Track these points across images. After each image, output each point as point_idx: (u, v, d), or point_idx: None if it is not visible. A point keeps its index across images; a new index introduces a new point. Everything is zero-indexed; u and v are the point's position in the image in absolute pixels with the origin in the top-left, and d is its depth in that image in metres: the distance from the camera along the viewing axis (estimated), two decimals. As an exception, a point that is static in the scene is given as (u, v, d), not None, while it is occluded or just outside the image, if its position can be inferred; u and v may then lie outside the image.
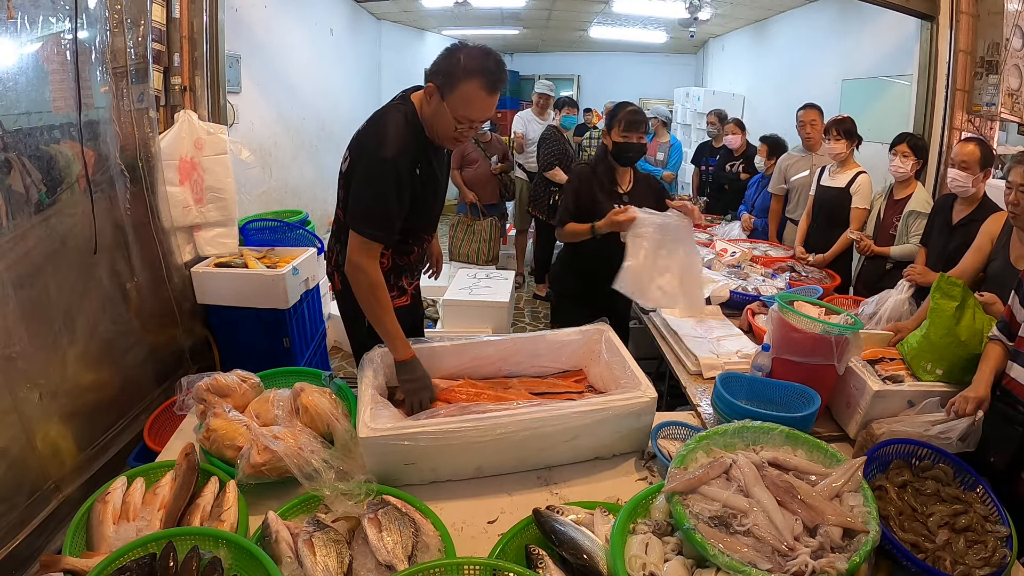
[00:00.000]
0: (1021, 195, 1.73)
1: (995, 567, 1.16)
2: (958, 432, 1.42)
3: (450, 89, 1.48)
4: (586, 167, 2.47)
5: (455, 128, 1.54)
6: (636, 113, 2.27)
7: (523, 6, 6.33)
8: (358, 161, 1.60)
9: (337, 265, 1.81)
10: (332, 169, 1.81)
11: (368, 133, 1.60)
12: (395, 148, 1.51)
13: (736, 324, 2.35)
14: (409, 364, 1.60)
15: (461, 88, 1.47)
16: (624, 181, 2.37)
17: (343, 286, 1.77)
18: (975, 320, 1.63)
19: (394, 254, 1.79)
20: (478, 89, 1.48)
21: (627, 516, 1.13)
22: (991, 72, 3.17)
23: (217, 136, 2.62)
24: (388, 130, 1.54)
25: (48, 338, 1.84)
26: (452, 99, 1.49)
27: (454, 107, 1.50)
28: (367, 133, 1.60)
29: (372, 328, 1.68)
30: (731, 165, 4.48)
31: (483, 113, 1.53)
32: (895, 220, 2.84)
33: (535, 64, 9.46)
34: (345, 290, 1.76)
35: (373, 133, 1.57)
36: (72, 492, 1.84)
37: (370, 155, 1.54)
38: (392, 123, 1.55)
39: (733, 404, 1.54)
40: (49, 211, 1.85)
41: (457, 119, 1.51)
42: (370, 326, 1.68)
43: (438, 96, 1.51)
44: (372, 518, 1.16)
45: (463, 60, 1.47)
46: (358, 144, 1.63)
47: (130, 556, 1.05)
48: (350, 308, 1.79)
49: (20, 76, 1.75)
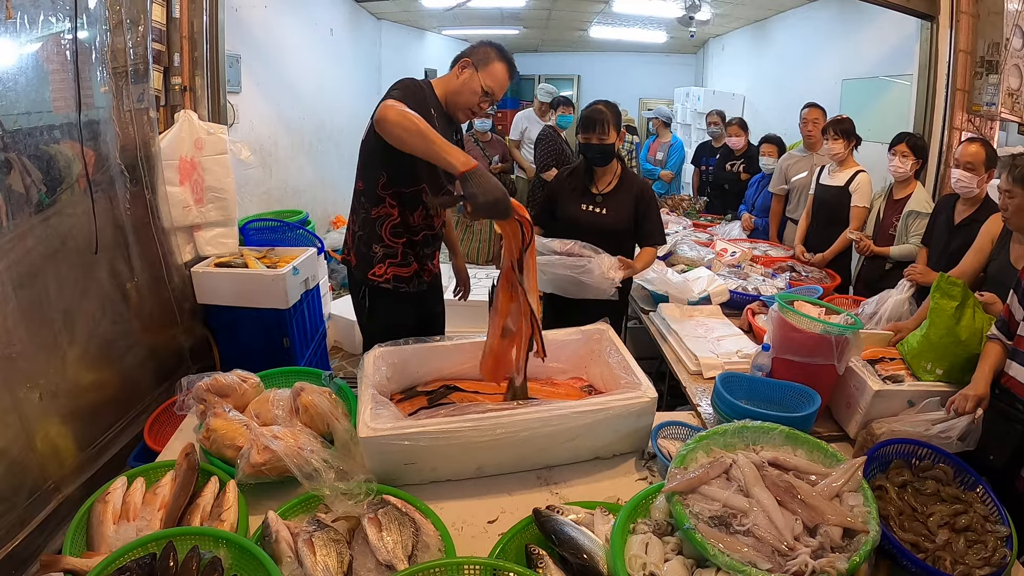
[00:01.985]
0: (1008, 200, 1.74)
1: (995, 567, 1.16)
2: (958, 431, 1.42)
3: (485, 65, 1.86)
4: (568, 167, 2.47)
5: (479, 94, 1.86)
6: (594, 112, 2.22)
7: (523, 6, 6.33)
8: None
9: (352, 240, 1.98)
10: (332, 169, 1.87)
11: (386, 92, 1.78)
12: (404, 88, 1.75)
13: (736, 324, 2.35)
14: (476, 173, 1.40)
15: (493, 66, 1.87)
16: (603, 182, 2.31)
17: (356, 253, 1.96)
18: (975, 320, 1.64)
19: (402, 210, 1.89)
20: (504, 71, 1.89)
21: (627, 516, 1.13)
22: (991, 72, 3.17)
23: (217, 136, 2.62)
24: (402, 83, 1.79)
25: (48, 338, 1.84)
26: (485, 72, 1.86)
27: (485, 77, 1.86)
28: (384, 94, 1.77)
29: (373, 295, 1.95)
30: (731, 165, 4.48)
31: (502, 91, 1.90)
32: (894, 220, 2.85)
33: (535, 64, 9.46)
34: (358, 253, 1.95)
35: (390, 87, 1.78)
36: (72, 492, 1.84)
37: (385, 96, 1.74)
38: (407, 81, 1.81)
39: (733, 404, 1.54)
40: (49, 211, 1.85)
41: (485, 87, 1.86)
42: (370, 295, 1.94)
43: (472, 69, 1.86)
44: (372, 518, 1.16)
45: (496, 50, 1.89)
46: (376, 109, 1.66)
47: (130, 556, 1.05)
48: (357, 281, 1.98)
49: (20, 76, 1.75)
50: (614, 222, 2.28)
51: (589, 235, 2.18)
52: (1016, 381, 1.48)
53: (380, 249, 1.91)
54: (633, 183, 2.35)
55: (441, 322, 2.25)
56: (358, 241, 1.95)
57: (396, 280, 1.95)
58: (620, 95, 5.80)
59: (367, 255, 1.93)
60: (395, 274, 1.94)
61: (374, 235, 1.91)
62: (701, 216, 4.50)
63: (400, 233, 1.91)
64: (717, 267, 2.96)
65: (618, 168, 2.32)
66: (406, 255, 1.95)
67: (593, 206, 2.29)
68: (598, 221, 2.28)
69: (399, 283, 1.95)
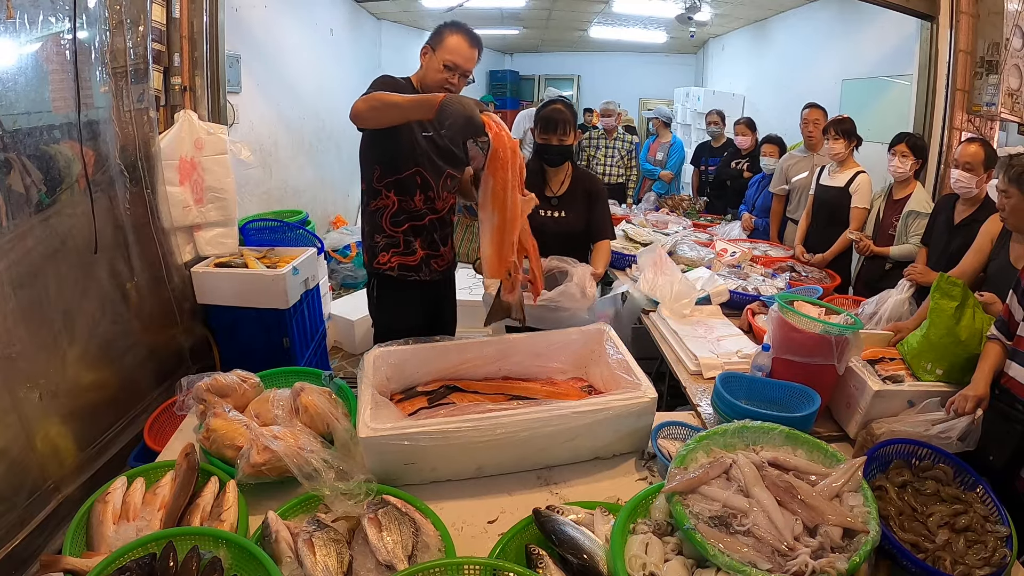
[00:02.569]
0: (1005, 200, 1.74)
1: (995, 567, 1.16)
2: (958, 431, 1.42)
3: (439, 42, 1.86)
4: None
5: (443, 71, 1.84)
6: (554, 112, 2.15)
7: (523, 6, 6.32)
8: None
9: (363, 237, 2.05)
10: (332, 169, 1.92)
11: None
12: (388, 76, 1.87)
13: (736, 324, 2.35)
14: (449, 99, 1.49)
15: (447, 40, 1.85)
16: (556, 183, 2.24)
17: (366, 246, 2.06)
18: (975, 320, 1.63)
19: (399, 198, 1.93)
20: (459, 39, 1.85)
21: (627, 516, 1.13)
22: (991, 72, 3.17)
23: (217, 136, 2.62)
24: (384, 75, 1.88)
25: (48, 338, 1.84)
26: (440, 50, 1.85)
27: (441, 55, 1.85)
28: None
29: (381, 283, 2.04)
30: (736, 163, 4.48)
31: (466, 61, 1.86)
32: (894, 220, 2.84)
33: (535, 64, 9.46)
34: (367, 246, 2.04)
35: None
36: (72, 492, 1.84)
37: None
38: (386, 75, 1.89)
39: (733, 404, 1.53)
40: (49, 211, 1.85)
41: (444, 64, 1.84)
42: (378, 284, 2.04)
43: (431, 52, 1.87)
44: (372, 518, 1.16)
45: (449, 25, 1.89)
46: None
47: (130, 556, 1.05)
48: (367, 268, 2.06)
49: (20, 76, 1.75)
50: (573, 223, 2.21)
51: (550, 241, 2.06)
52: (1016, 381, 1.48)
53: (382, 239, 1.99)
54: (583, 180, 2.28)
55: (452, 315, 2.26)
56: (365, 236, 2.05)
57: (402, 268, 2.02)
58: (620, 95, 5.82)
59: (371, 246, 2.03)
60: (400, 263, 2.01)
61: (376, 226, 1.99)
62: (701, 216, 4.50)
63: (401, 221, 1.97)
64: (717, 267, 2.96)
65: (569, 167, 2.26)
66: (409, 243, 2.00)
67: (551, 210, 2.22)
68: (557, 225, 2.20)
69: (405, 271, 2.02)
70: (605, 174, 5.03)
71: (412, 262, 2.02)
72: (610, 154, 5.00)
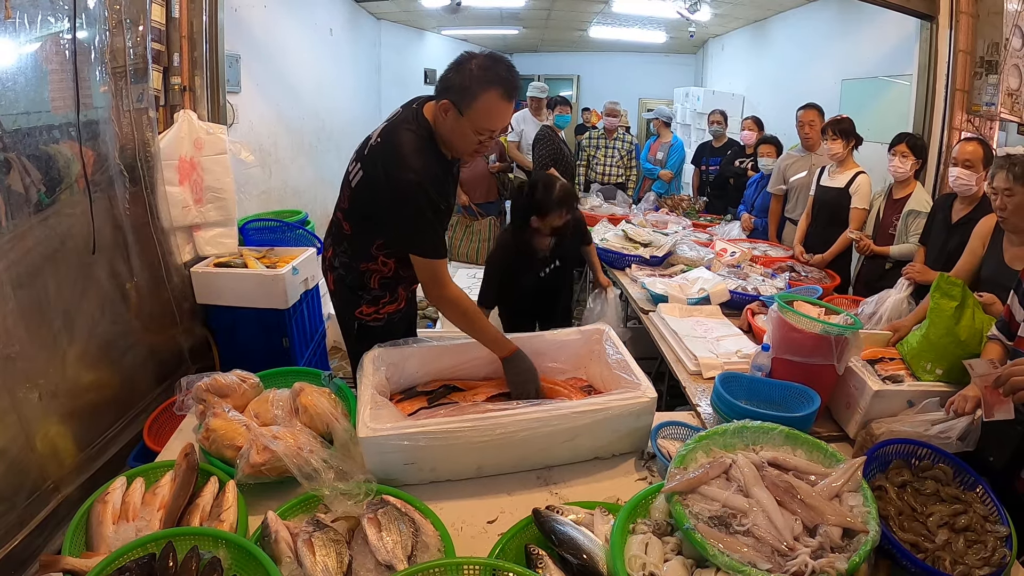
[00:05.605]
0: (1007, 199, 1.74)
1: (995, 567, 1.16)
2: (958, 431, 1.42)
3: (467, 104, 1.45)
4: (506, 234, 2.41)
5: (477, 142, 1.52)
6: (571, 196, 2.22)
7: (523, 6, 6.32)
8: (381, 186, 1.54)
9: (331, 266, 1.80)
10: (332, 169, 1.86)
11: (387, 154, 1.53)
12: (420, 171, 1.49)
13: (736, 324, 2.35)
14: (514, 359, 1.61)
15: (479, 101, 1.44)
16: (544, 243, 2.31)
17: (336, 286, 1.81)
18: (975, 320, 1.63)
19: (398, 265, 1.73)
20: (497, 100, 1.45)
21: (627, 516, 1.13)
22: (991, 72, 3.17)
23: (217, 136, 2.62)
24: (408, 152, 1.50)
25: (48, 338, 1.84)
26: (471, 113, 1.45)
27: (474, 120, 1.46)
28: (385, 153, 1.54)
29: (362, 331, 1.77)
30: (740, 162, 4.48)
31: (503, 122, 1.51)
32: (894, 220, 2.85)
33: (535, 64, 9.45)
34: (338, 290, 1.80)
35: (393, 155, 1.51)
36: (71, 492, 1.84)
37: (396, 179, 1.50)
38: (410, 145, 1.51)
39: (733, 404, 1.54)
40: (48, 211, 1.85)
41: (477, 132, 1.49)
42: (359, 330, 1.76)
43: (455, 112, 1.47)
44: (372, 518, 1.16)
45: (476, 71, 1.43)
46: (375, 163, 1.55)
47: (130, 556, 1.05)
48: (342, 310, 1.84)
49: (19, 76, 1.75)
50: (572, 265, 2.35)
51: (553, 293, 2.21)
52: (1016, 382, 1.48)
53: (367, 295, 1.77)
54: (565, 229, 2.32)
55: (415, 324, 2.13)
56: (339, 280, 1.79)
57: (389, 316, 1.82)
58: (620, 95, 5.81)
59: (349, 298, 1.78)
60: (387, 312, 1.81)
61: (359, 284, 1.75)
62: (701, 216, 4.51)
63: (389, 283, 1.77)
64: (717, 267, 2.96)
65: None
66: (395, 293, 1.81)
67: (548, 267, 2.29)
68: (557, 277, 2.33)
69: (392, 315, 1.83)
70: (605, 174, 5.03)
71: (399, 307, 1.84)
72: (610, 154, 5.00)
